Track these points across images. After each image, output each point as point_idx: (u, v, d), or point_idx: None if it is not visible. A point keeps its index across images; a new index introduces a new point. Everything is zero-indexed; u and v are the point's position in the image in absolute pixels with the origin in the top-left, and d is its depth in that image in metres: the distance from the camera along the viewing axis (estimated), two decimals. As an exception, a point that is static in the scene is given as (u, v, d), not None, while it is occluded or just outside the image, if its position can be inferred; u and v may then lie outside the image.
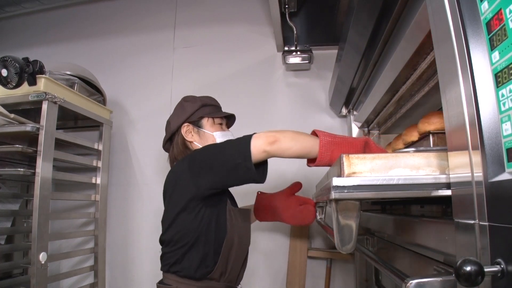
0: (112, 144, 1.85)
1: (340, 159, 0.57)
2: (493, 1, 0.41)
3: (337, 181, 0.55)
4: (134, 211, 1.85)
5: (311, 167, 0.95)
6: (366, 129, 1.56)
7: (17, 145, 1.35)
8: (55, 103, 1.39)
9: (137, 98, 1.95)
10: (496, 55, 0.41)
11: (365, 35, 0.95)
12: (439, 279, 0.45)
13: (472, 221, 0.42)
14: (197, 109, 1.14)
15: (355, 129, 1.57)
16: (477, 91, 0.42)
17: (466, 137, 0.43)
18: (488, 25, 0.42)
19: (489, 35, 0.42)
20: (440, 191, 0.53)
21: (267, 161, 0.94)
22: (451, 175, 0.51)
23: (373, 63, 1.06)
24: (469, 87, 0.43)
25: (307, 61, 1.67)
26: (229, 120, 1.24)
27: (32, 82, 1.33)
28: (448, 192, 0.52)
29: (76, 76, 1.62)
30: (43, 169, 1.33)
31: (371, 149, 0.87)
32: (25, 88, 1.34)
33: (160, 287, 1.00)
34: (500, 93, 0.40)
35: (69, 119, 1.79)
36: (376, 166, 0.56)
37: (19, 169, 1.37)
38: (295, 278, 1.55)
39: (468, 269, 0.36)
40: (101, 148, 1.73)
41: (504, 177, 0.39)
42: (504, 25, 0.39)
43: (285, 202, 1.14)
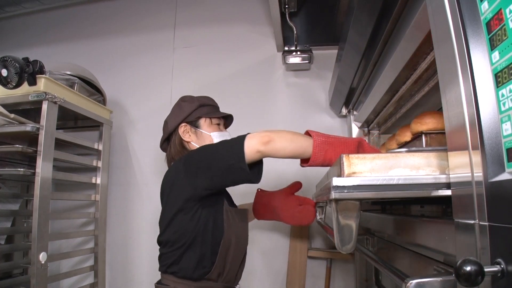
0: (112, 144, 1.85)
1: (340, 159, 0.57)
2: (493, 1, 0.41)
3: (337, 181, 0.55)
4: (134, 211, 1.85)
5: (304, 167, 0.95)
6: (366, 129, 1.56)
7: (17, 145, 1.36)
8: (55, 103, 1.39)
9: (137, 98, 1.95)
10: (496, 55, 0.41)
11: (365, 35, 0.95)
12: (439, 279, 0.45)
13: (472, 221, 0.42)
14: (194, 109, 1.14)
15: (355, 129, 1.57)
16: (477, 91, 0.42)
17: (466, 137, 0.43)
18: (488, 25, 0.42)
19: (489, 35, 0.42)
20: (440, 191, 0.53)
21: (262, 161, 0.94)
22: (451, 175, 0.51)
23: (373, 63, 1.06)
24: (469, 87, 0.43)
25: (307, 61, 1.67)
26: (226, 120, 1.24)
27: (32, 82, 1.33)
28: (448, 192, 0.52)
29: (76, 76, 1.62)
30: (43, 169, 1.33)
31: (365, 149, 0.86)
32: (25, 88, 1.34)
33: (158, 287, 1.00)
34: (500, 93, 0.40)
35: (69, 119, 1.79)
36: (376, 166, 0.56)
37: (19, 169, 1.37)
38: (295, 278, 1.56)
39: (468, 269, 0.36)
40: (101, 148, 1.73)
41: (504, 177, 0.39)
42: (504, 25, 0.39)
43: (284, 201, 1.13)
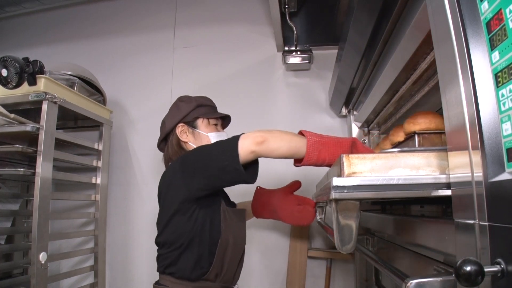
0: (112, 144, 1.85)
1: (340, 159, 0.57)
2: (493, 1, 0.41)
3: (337, 181, 0.55)
4: (134, 211, 1.85)
5: (298, 166, 0.94)
6: (366, 129, 1.56)
7: (17, 145, 1.35)
8: (55, 103, 1.39)
9: (137, 98, 1.95)
10: (496, 55, 0.41)
11: (365, 35, 0.95)
12: (439, 279, 0.45)
13: (472, 221, 0.42)
14: (192, 110, 1.14)
15: (355, 129, 1.57)
16: (477, 91, 0.42)
17: (466, 137, 0.43)
18: (488, 25, 0.42)
19: (489, 35, 0.42)
20: (440, 191, 0.53)
21: (257, 161, 0.93)
22: (451, 175, 0.51)
23: (373, 63, 1.06)
24: (469, 87, 0.43)
25: (307, 61, 1.67)
26: (224, 120, 1.23)
27: (32, 82, 1.33)
28: (448, 192, 0.52)
29: (76, 76, 1.62)
30: (43, 169, 1.33)
31: (358, 149, 0.86)
32: (25, 88, 1.34)
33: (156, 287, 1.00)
34: (500, 93, 0.40)
35: (69, 119, 1.79)
36: (376, 166, 0.56)
37: (19, 169, 1.37)
38: (295, 278, 1.55)
39: (468, 269, 0.36)
40: (101, 148, 1.73)
41: (504, 177, 0.39)
42: (504, 25, 0.39)
43: (283, 200, 1.12)
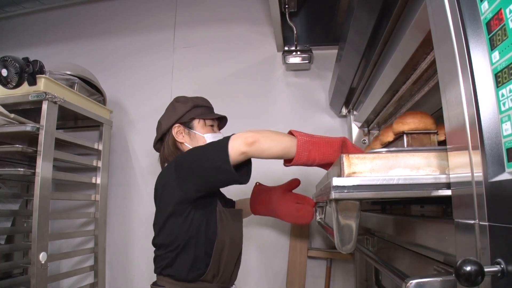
0: (112, 144, 1.85)
1: (340, 159, 0.57)
2: (493, 1, 0.41)
3: (337, 181, 0.55)
4: (134, 211, 1.85)
5: (287, 166, 0.93)
6: (366, 129, 1.56)
7: (17, 145, 1.35)
8: (55, 103, 1.39)
9: (137, 98, 1.95)
10: (496, 55, 0.41)
11: (365, 35, 0.95)
12: (439, 279, 0.45)
13: (472, 221, 0.42)
14: (188, 110, 1.13)
15: (355, 129, 1.57)
16: (477, 91, 0.42)
17: (466, 137, 0.43)
18: (488, 25, 0.42)
19: (489, 35, 0.42)
20: (440, 191, 0.53)
21: (250, 162, 0.92)
22: (451, 175, 0.51)
23: (373, 63, 1.06)
24: (469, 87, 0.43)
25: (307, 61, 1.67)
26: (221, 121, 1.23)
27: (32, 82, 1.33)
28: (448, 192, 0.52)
29: (76, 76, 1.62)
30: (43, 169, 1.33)
31: (348, 149, 0.85)
32: (25, 88, 1.34)
33: None
34: (500, 93, 0.40)
35: (69, 119, 1.79)
36: (376, 166, 0.56)
37: (19, 169, 1.37)
38: (295, 278, 1.55)
39: (468, 269, 0.36)
40: (101, 148, 1.73)
41: (504, 177, 0.39)
42: (504, 25, 0.39)
43: (282, 197, 1.11)
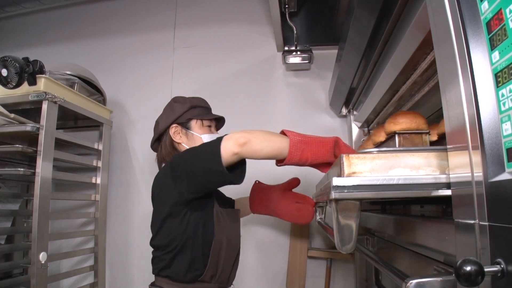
0: (112, 144, 1.85)
1: (340, 159, 0.57)
2: (493, 1, 0.41)
3: (337, 181, 0.55)
4: (134, 211, 1.85)
5: (280, 166, 0.93)
6: (366, 129, 1.56)
7: (17, 145, 1.35)
8: (55, 103, 1.39)
9: (137, 98, 1.95)
10: (496, 55, 0.41)
11: (365, 35, 0.95)
12: (439, 279, 0.45)
13: (472, 221, 0.42)
14: (186, 111, 1.13)
15: (355, 129, 1.57)
16: (477, 91, 0.42)
17: (466, 137, 0.43)
18: (488, 25, 0.42)
19: (489, 35, 0.42)
20: (440, 191, 0.53)
21: (245, 162, 0.92)
22: (451, 175, 0.51)
23: (373, 63, 1.06)
24: (469, 87, 0.43)
25: (307, 61, 1.67)
26: (218, 122, 1.22)
27: (32, 82, 1.33)
28: (448, 192, 0.52)
29: (76, 76, 1.62)
30: (43, 169, 1.33)
31: (340, 148, 0.85)
32: (25, 88, 1.34)
33: None
34: (500, 93, 0.40)
35: (69, 119, 1.79)
36: (376, 166, 0.56)
37: (19, 169, 1.37)
38: (295, 278, 1.55)
39: (468, 269, 0.36)
40: (101, 148, 1.73)
41: (504, 177, 0.39)
42: (504, 25, 0.39)
43: (281, 196, 1.11)
